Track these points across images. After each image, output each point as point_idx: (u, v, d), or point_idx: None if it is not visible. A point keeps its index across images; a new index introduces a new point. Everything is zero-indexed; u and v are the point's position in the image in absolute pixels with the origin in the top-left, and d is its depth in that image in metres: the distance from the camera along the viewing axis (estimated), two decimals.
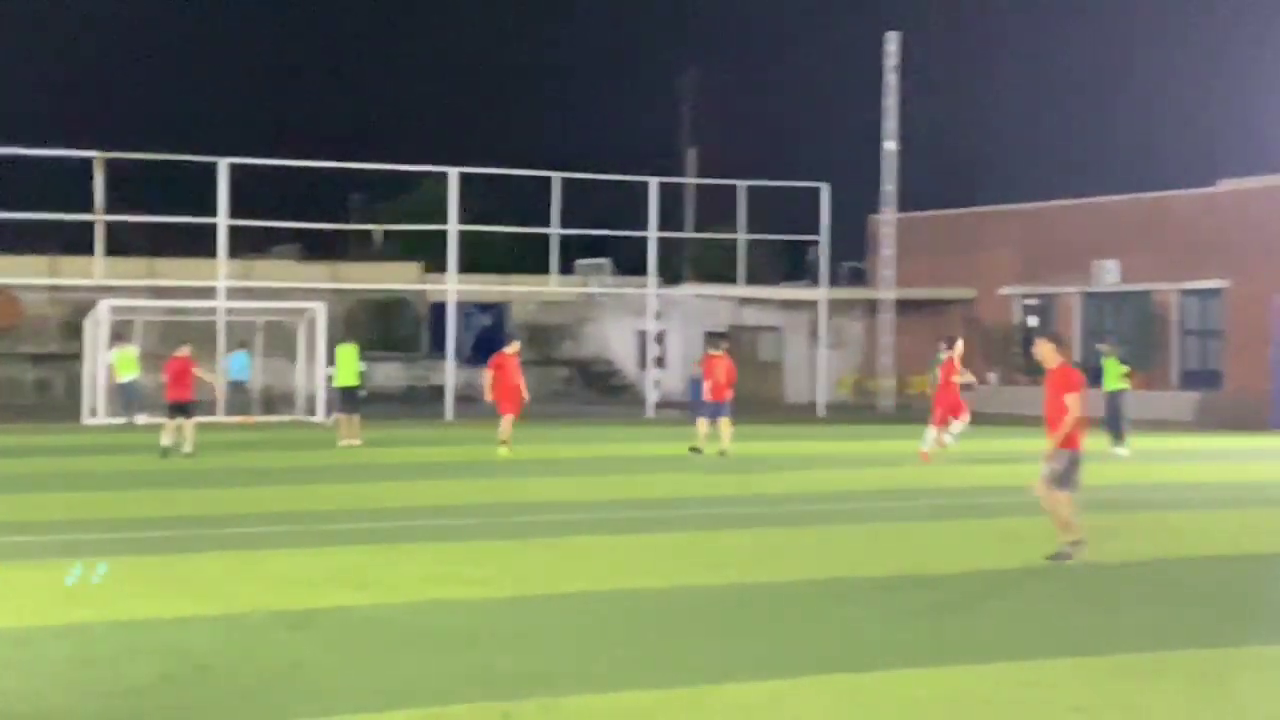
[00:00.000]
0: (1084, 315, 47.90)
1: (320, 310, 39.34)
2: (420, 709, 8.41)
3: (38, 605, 11.51)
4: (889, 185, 47.36)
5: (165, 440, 25.83)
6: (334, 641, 10.33)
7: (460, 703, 8.56)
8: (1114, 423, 28.85)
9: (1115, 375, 29.41)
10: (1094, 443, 28.75)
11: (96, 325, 37.90)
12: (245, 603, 11.69)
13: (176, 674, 9.23)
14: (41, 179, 48.72)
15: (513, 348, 28.15)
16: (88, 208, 39.15)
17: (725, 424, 27.43)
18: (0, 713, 8.22)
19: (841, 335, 51.35)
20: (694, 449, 27.23)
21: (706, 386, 28.06)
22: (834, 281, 50.08)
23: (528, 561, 14.14)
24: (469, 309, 50.72)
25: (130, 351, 36.45)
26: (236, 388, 39.19)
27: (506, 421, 27.20)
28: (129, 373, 36.12)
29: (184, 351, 26.73)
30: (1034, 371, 45.24)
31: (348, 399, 29.60)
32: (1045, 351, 14.50)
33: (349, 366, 29.43)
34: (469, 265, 47.66)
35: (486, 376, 27.99)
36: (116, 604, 11.58)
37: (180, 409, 26.15)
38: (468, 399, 44.82)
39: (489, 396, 27.82)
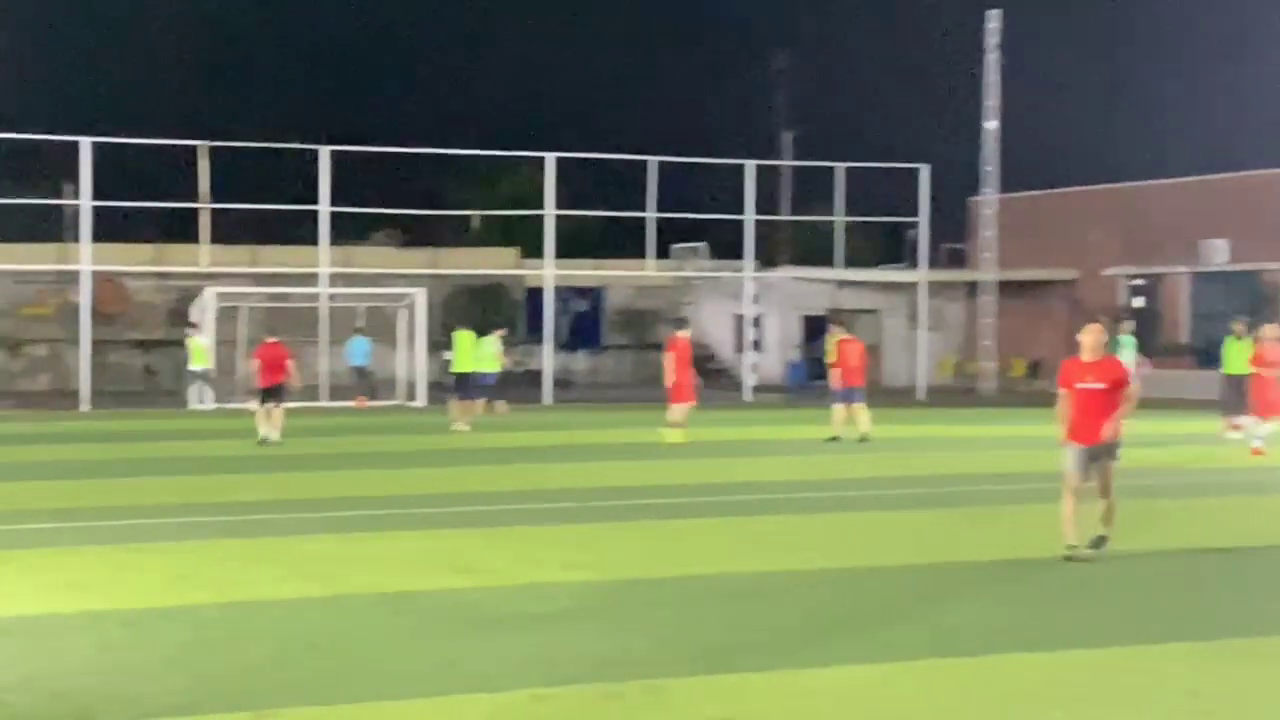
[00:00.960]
0: (1192, 296, 47.25)
1: (420, 296, 39.73)
2: (526, 690, 8.54)
3: (151, 587, 11.80)
4: (989, 165, 46.99)
5: (262, 430, 25.83)
6: (437, 622, 10.51)
7: (565, 684, 8.69)
8: (1238, 405, 27.95)
9: (1240, 358, 28.65)
10: (1213, 425, 28.58)
11: (202, 312, 38.52)
12: (351, 584, 11.91)
13: (287, 653, 9.45)
14: (147, 168, 49.56)
15: (685, 332, 27.89)
16: (192, 196, 39.77)
17: (860, 409, 27.15)
18: (120, 693, 8.46)
19: (941, 318, 51.02)
20: (833, 438, 26.74)
21: (835, 373, 27.85)
22: (933, 263, 49.78)
23: (625, 545, 14.26)
24: (565, 293, 50.95)
25: (202, 341, 36.75)
26: (358, 372, 39.61)
27: (679, 409, 26.72)
28: (200, 363, 36.46)
29: (275, 338, 26.78)
30: (1142, 353, 44.87)
31: (462, 384, 29.79)
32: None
33: (465, 352, 29.59)
34: (565, 250, 47.88)
35: (668, 360, 27.41)
36: (227, 586, 11.84)
37: (272, 394, 26.13)
38: (564, 383, 45.15)
39: (670, 380, 27.12)
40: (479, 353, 32.47)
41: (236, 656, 9.36)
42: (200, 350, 36.46)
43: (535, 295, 46.65)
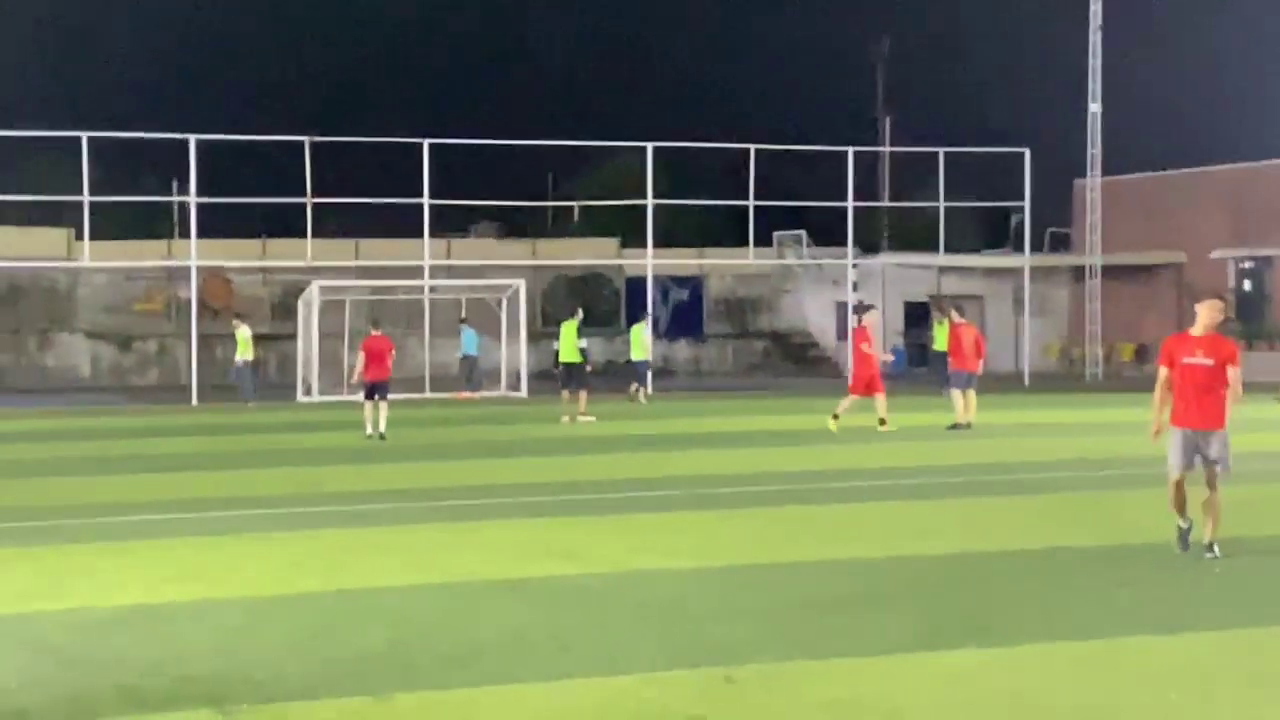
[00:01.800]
0: None
1: (520, 286, 39.96)
2: (643, 674, 8.61)
3: (267, 576, 12.00)
4: (1094, 148, 46.44)
5: (369, 429, 25.38)
6: (549, 609, 10.60)
7: (681, 668, 8.74)
8: None
9: None
10: None
11: (308, 305, 38.97)
12: (462, 571, 12.05)
13: (403, 639, 9.58)
14: (251, 163, 50.30)
15: (870, 317, 27.70)
16: (297, 191, 40.27)
17: (971, 395, 26.92)
18: (245, 677, 8.63)
19: (1046, 303, 50.52)
20: (955, 425, 26.44)
21: (953, 359, 27.67)
22: (1037, 248, 49.31)
23: (733, 532, 14.29)
24: (666, 283, 51.06)
25: (245, 332, 36.65)
26: (468, 361, 39.82)
27: (863, 400, 26.34)
28: (244, 353, 36.43)
29: (379, 330, 26.11)
30: (1250, 337, 44.22)
31: (570, 374, 29.81)
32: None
33: (571, 342, 29.67)
34: (665, 239, 47.98)
35: (857, 348, 27.04)
36: (341, 574, 12.02)
37: (377, 388, 25.54)
38: (666, 372, 45.22)
39: (860, 369, 26.70)
40: (637, 340, 35.47)
41: (354, 643, 9.51)
42: (245, 341, 36.46)
43: (636, 285, 46.77)
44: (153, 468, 20.99)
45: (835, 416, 25.92)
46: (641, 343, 36.07)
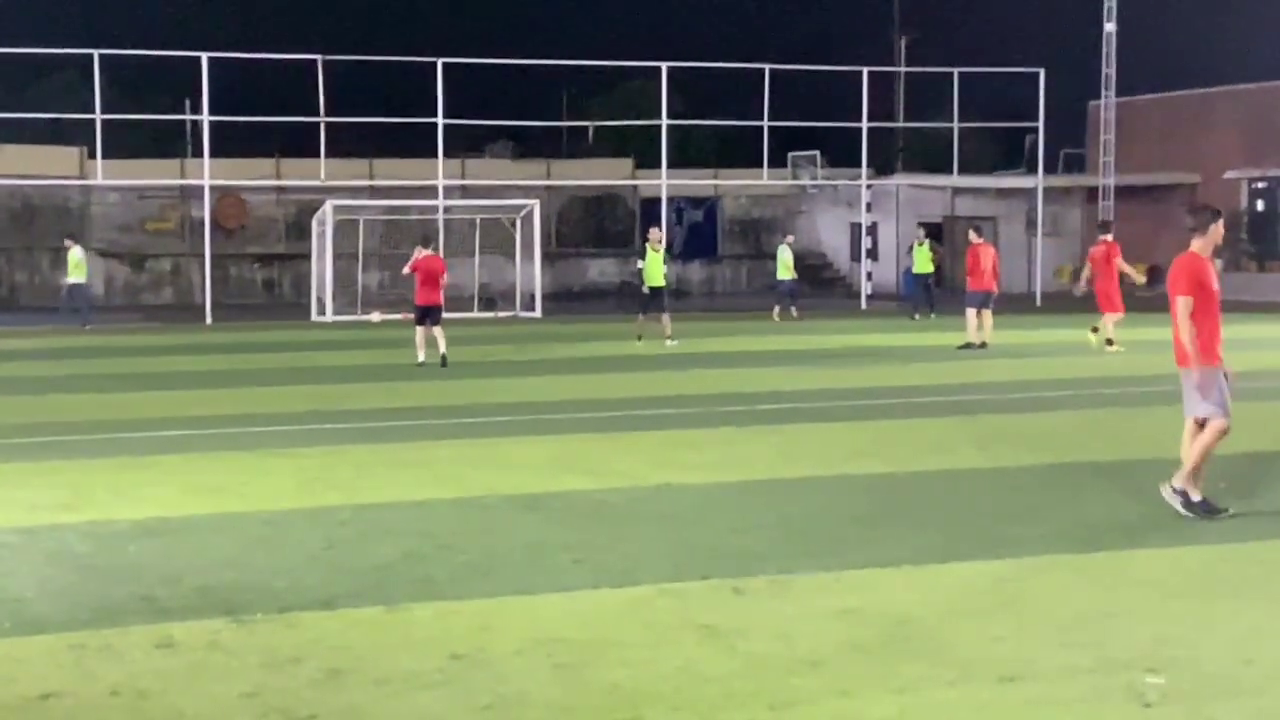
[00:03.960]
0: None
1: (535, 207, 39.90)
2: (654, 585, 8.69)
3: (286, 490, 12.11)
4: (1109, 69, 46.09)
5: (421, 355, 23.80)
6: (565, 522, 10.69)
7: (692, 578, 8.83)
8: None
9: None
10: None
11: (321, 225, 38.98)
12: (480, 487, 12.14)
13: (420, 552, 9.67)
14: (266, 83, 50.09)
15: (1107, 236, 27.26)
16: (311, 111, 40.15)
17: (987, 315, 26.91)
18: (262, 587, 8.73)
19: (1059, 224, 50.33)
20: (967, 345, 26.48)
21: (971, 279, 27.62)
22: (1051, 169, 49.07)
23: (752, 448, 14.37)
24: (680, 204, 50.94)
25: (78, 254, 35.21)
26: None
27: (1111, 318, 25.88)
28: (77, 275, 35.06)
29: (429, 249, 24.42)
30: (1263, 258, 44.07)
31: (655, 299, 29.12)
32: None
33: (658, 268, 29.13)
34: (680, 160, 47.81)
35: (1107, 264, 26.45)
36: (359, 489, 12.12)
37: (430, 313, 23.97)
38: (680, 293, 45.12)
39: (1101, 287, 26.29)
40: (781, 260, 36.84)
41: (371, 554, 9.60)
42: (78, 263, 35.05)
43: (650, 206, 46.66)
44: (171, 385, 21.08)
45: (1109, 342, 25.51)
46: (785, 262, 36.98)
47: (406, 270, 24.51)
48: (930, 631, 7.68)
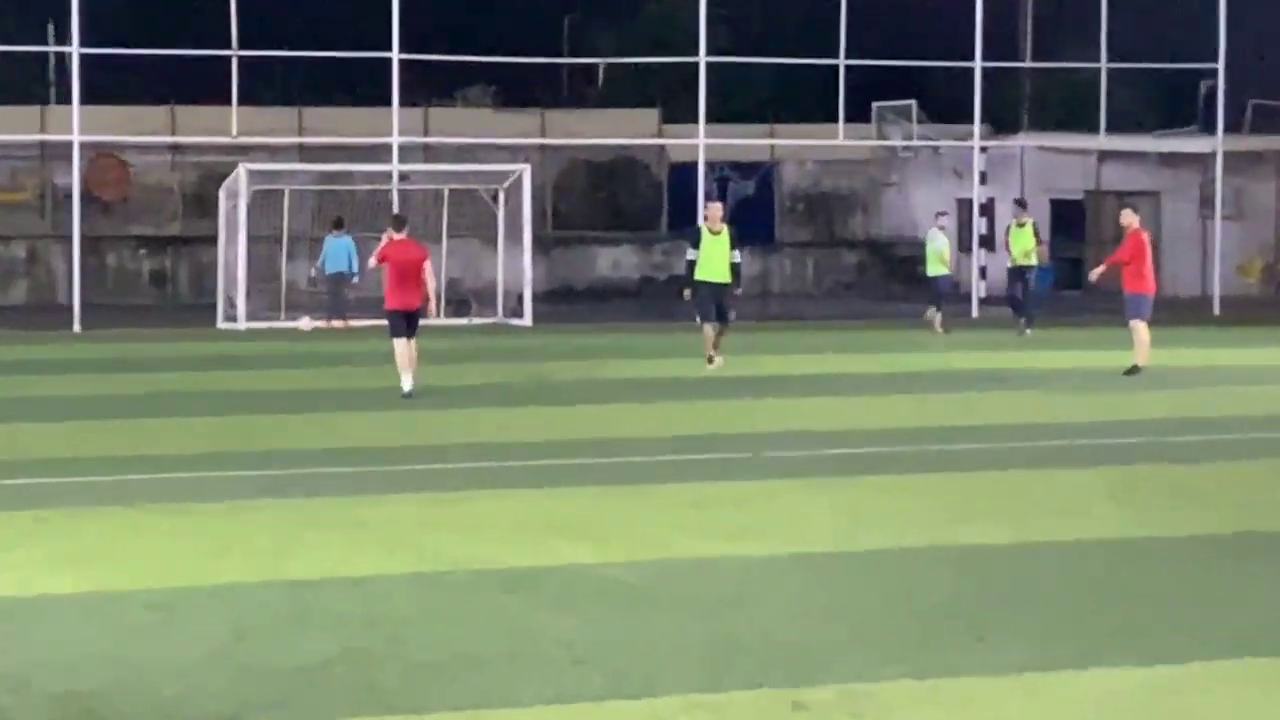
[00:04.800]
0: None
1: (525, 174, 39.93)
2: (682, 695, 8.70)
3: (183, 560, 12.14)
4: None
5: (407, 383, 23.21)
6: (562, 608, 10.72)
7: (734, 687, 8.85)
8: None
9: None
10: None
11: (232, 198, 39.05)
12: (446, 557, 12.18)
13: (362, 647, 9.72)
14: (158, 4, 50.27)
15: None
16: (219, 44, 40.29)
17: (1140, 328, 26.62)
18: (143, 695, 8.76)
19: (1244, 202, 50.20)
20: (1135, 369, 26.25)
21: (1102, 266, 27.47)
22: (1235, 127, 48.97)
23: (815, 507, 14.38)
24: (723, 171, 50.98)
25: None
26: (334, 283, 38.76)
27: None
28: None
29: (403, 233, 24.07)
30: None
31: (721, 300, 28.75)
32: None
33: (724, 256, 28.85)
34: (722, 112, 47.74)
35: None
36: (281, 559, 12.17)
37: (412, 321, 23.54)
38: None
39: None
40: (933, 251, 36.53)
41: (295, 650, 9.65)
42: None
43: (682, 174, 46.70)
44: (27, 415, 21.13)
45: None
46: (938, 252, 36.40)
47: (373, 262, 24.48)
48: None
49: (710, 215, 28.42)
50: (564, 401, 23.02)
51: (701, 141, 42.78)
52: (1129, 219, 27.89)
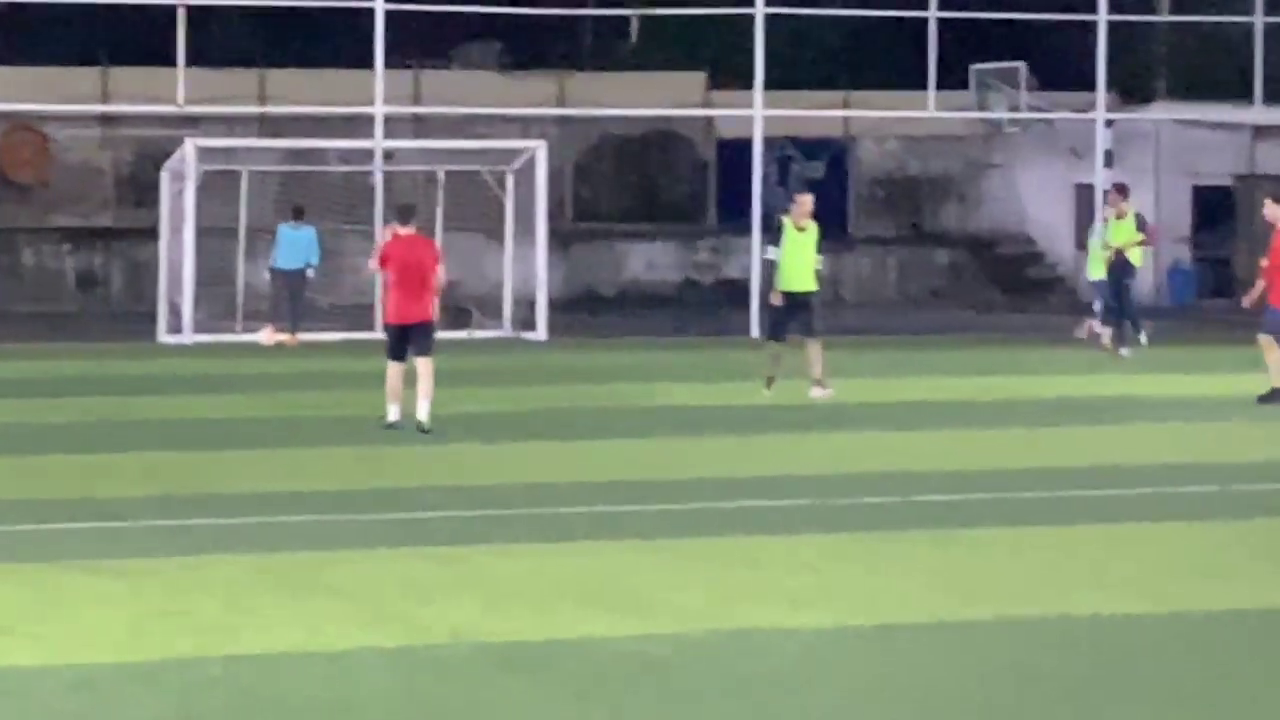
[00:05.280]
0: None
1: (539, 153, 39.94)
2: None
3: (112, 630, 12.11)
4: None
5: (391, 412, 23.31)
6: (581, 691, 10.73)
7: None
8: None
9: None
10: None
11: (178, 181, 39.08)
12: (440, 628, 12.18)
13: None
14: None
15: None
16: None
17: (1272, 347, 26.56)
18: None
19: None
20: (1273, 393, 26.14)
21: (1258, 285, 27.27)
22: None
23: (895, 568, 14.34)
24: (785, 149, 50.91)
25: None
26: (288, 283, 38.32)
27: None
28: None
29: (409, 227, 24.10)
30: None
31: (800, 311, 28.38)
32: None
33: (808, 258, 28.36)
34: (785, 77, 47.73)
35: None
36: (236, 629, 12.15)
37: (416, 338, 23.41)
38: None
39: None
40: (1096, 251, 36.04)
41: None
42: None
43: (733, 151, 46.72)
44: None
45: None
46: (1100, 252, 35.94)
47: (372, 264, 24.48)
48: None
49: (799, 208, 28.23)
50: (586, 435, 23.06)
51: (758, 113, 42.77)
52: (1274, 212, 27.33)
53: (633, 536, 15.81)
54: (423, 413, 22.83)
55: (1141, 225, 35.99)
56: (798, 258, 27.65)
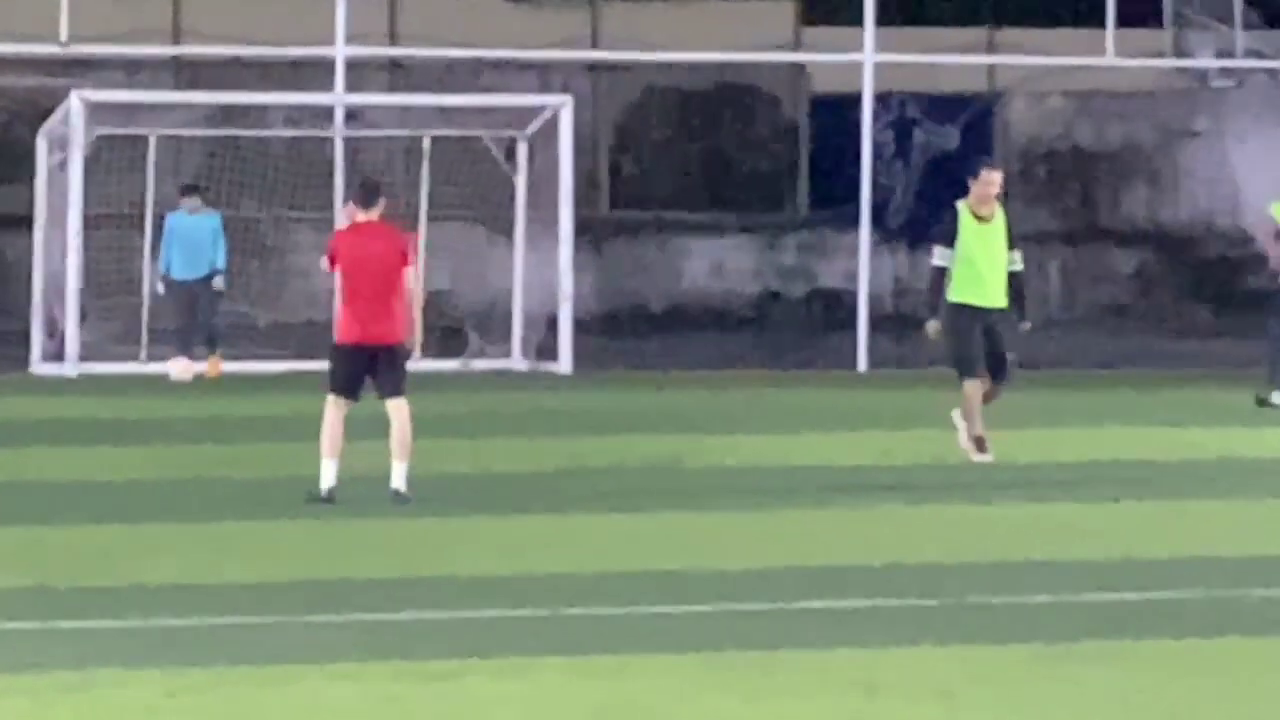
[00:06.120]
0: None
1: (564, 110, 40.11)
2: None
3: None
4: None
5: (329, 472, 23.32)
6: None
7: None
8: None
9: None
10: None
11: (59, 147, 39.27)
12: None
13: None
14: None
15: None
16: None
17: None
18: None
19: None
20: None
21: None
22: None
23: (1053, 690, 14.38)
24: (907, 107, 51.08)
25: None
26: (188, 297, 38.19)
27: None
28: None
29: (372, 210, 23.91)
30: None
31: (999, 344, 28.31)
32: None
33: (1004, 263, 28.08)
34: (904, 9, 47.92)
35: None
36: None
37: (369, 364, 23.63)
38: (904, 318, 45.34)
39: None
40: None
41: None
42: None
43: (831, 112, 46.90)
44: None
45: None
46: None
47: (325, 264, 23.92)
48: None
49: (983, 186, 27.19)
50: (623, 507, 23.11)
51: (869, 57, 42.97)
52: None
53: (689, 648, 15.79)
54: (399, 476, 22.97)
55: None
56: (979, 259, 26.82)
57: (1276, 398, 33.67)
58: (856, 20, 43.01)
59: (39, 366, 38.08)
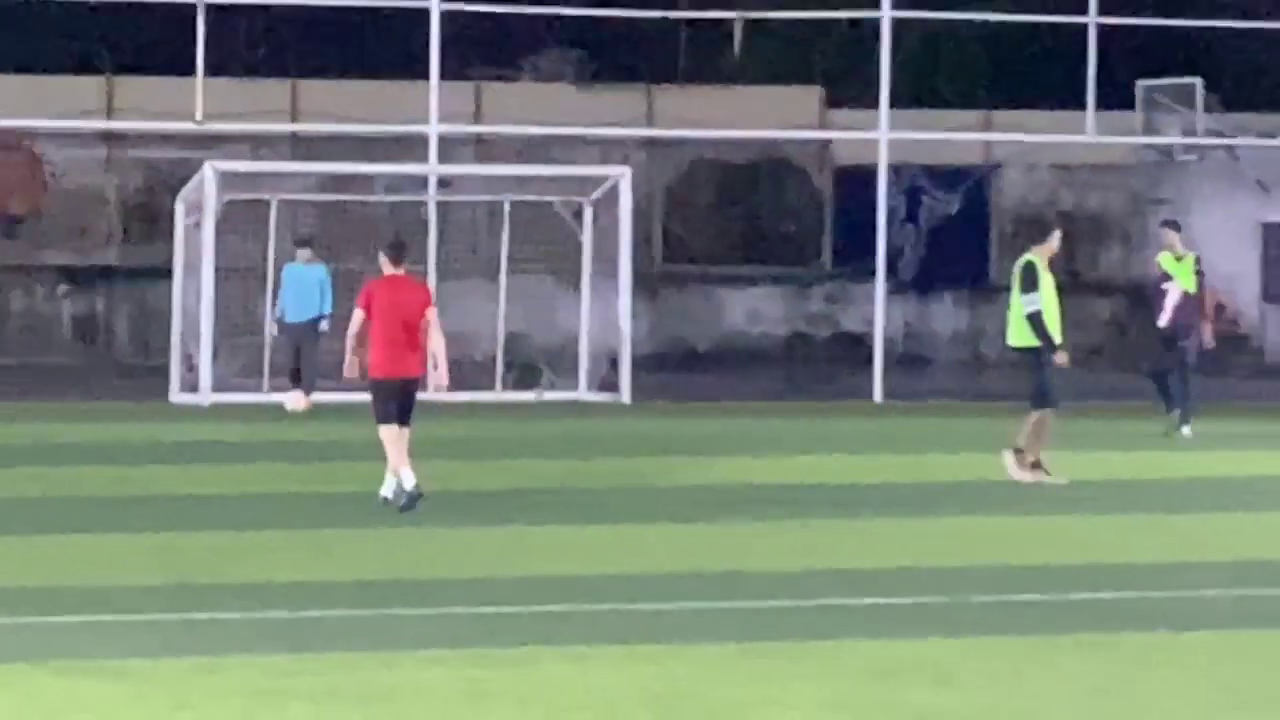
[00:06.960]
0: None
1: (624, 180, 39.95)
2: None
3: None
4: None
5: (388, 488, 23.64)
6: None
7: None
8: None
9: None
10: None
11: (194, 211, 39.21)
12: None
13: None
14: None
15: None
16: None
17: None
18: None
19: None
20: None
21: None
22: None
23: (1057, 682, 14.24)
24: (917, 178, 50.86)
25: None
26: (295, 338, 37.90)
27: None
28: None
29: (397, 265, 24.56)
30: None
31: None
32: None
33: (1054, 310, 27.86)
34: (915, 93, 47.70)
35: None
36: None
37: (405, 397, 23.72)
38: (914, 359, 45.16)
39: None
40: None
41: None
42: None
43: (853, 182, 46.68)
44: None
45: None
46: None
47: (357, 315, 23.54)
48: None
49: (1053, 244, 28.05)
50: (676, 517, 23.14)
51: (884, 135, 42.81)
52: None
53: (729, 638, 15.69)
54: (408, 480, 23.01)
55: (1200, 276, 35.97)
56: (1050, 303, 27.40)
57: (1187, 430, 33.81)
58: (873, 103, 42.90)
59: (177, 396, 38.04)
